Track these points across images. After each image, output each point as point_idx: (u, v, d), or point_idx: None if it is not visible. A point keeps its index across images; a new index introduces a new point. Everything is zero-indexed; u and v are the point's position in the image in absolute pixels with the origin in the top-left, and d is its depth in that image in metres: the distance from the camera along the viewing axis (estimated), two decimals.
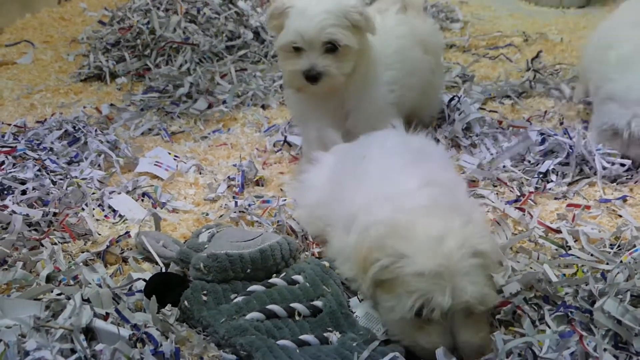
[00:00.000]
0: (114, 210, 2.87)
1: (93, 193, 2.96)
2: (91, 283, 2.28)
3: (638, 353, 1.91)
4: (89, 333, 1.99)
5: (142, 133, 3.62)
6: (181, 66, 4.27)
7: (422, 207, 2.14)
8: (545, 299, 2.17)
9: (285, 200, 2.89)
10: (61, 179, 3.00)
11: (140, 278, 2.32)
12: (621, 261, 2.33)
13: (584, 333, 1.96)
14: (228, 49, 4.51)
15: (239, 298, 2.18)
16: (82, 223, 2.72)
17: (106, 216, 2.84)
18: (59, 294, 2.17)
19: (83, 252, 2.54)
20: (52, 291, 2.19)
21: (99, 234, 2.69)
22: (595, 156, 3.06)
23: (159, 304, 2.17)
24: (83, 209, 2.83)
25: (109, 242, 2.57)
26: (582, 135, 3.20)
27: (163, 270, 2.44)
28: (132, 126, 3.66)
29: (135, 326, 2.02)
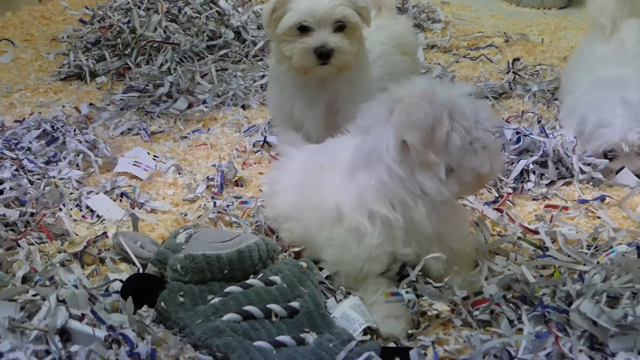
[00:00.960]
0: (92, 210, 2.85)
1: (71, 193, 2.93)
2: (67, 284, 2.26)
3: (613, 354, 1.92)
4: (64, 334, 1.97)
5: (122, 133, 3.58)
6: (162, 65, 4.25)
7: None
8: (522, 299, 2.18)
9: (263, 201, 2.88)
10: (39, 179, 2.98)
11: (117, 279, 2.31)
12: (598, 262, 2.35)
13: (560, 334, 1.97)
14: (209, 49, 4.49)
15: (216, 299, 2.17)
16: (60, 223, 2.70)
17: (84, 216, 2.82)
18: (35, 295, 2.15)
19: (60, 253, 2.53)
20: (28, 292, 2.17)
21: (77, 235, 2.67)
22: (572, 157, 3.06)
23: (136, 305, 2.15)
24: (60, 209, 2.80)
25: (86, 243, 2.55)
26: (560, 137, 3.20)
27: (140, 271, 2.42)
28: (112, 126, 3.63)
29: (111, 327, 2.01)
